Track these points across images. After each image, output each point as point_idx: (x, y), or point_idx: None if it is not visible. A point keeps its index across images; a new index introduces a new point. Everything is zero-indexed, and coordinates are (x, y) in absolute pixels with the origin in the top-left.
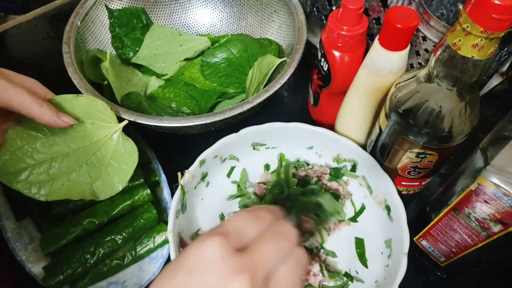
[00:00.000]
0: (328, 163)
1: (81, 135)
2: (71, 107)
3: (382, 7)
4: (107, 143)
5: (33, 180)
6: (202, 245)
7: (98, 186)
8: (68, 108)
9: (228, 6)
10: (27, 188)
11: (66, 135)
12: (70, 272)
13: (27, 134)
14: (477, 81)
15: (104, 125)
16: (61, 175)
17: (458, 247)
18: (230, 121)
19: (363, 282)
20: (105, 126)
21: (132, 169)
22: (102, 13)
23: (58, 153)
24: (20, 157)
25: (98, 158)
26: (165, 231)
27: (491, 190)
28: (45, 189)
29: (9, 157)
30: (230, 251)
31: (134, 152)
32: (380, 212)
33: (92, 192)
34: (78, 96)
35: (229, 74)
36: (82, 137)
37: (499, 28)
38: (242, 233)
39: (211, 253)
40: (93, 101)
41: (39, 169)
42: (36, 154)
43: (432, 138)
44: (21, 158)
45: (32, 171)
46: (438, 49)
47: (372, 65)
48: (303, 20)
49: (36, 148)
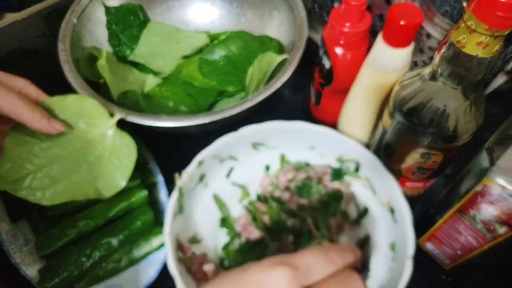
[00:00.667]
0: (331, 163)
1: (76, 135)
2: (61, 108)
3: (385, 4)
4: (103, 141)
5: (36, 185)
6: (270, 271)
7: (101, 185)
8: (59, 110)
9: (228, 2)
10: (32, 194)
11: (62, 137)
12: (66, 275)
13: (24, 141)
14: (482, 80)
15: (97, 122)
16: (63, 178)
17: (463, 249)
18: (229, 120)
19: (367, 286)
20: (98, 123)
21: (133, 163)
22: (98, 10)
23: (56, 156)
24: (21, 164)
25: (97, 157)
26: (162, 234)
27: (497, 191)
28: (49, 193)
29: (11, 165)
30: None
31: (132, 146)
32: (384, 214)
33: (96, 191)
34: (66, 96)
35: (228, 72)
36: (77, 138)
37: (504, 26)
38: (310, 272)
39: (278, 282)
40: (82, 100)
41: (40, 173)
42: (36, 159)
43: (436, 138)
44: (22, 165)
45: (34, 176)
46: (442, 46)
47: (375, 62)
48: (304, 17)
49: (35, 154)
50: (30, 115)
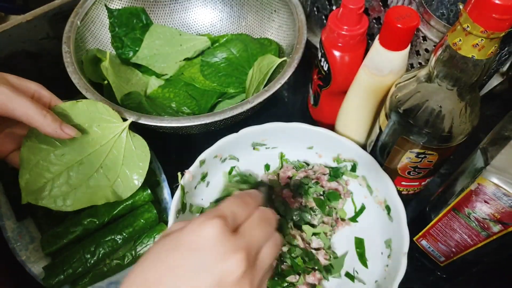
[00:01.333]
0: (328, 163)
1: (89, 140)
2: (74, 113)
3: (382, 7)
4: (117, 143)
5: (56, 193)
6: (203, 225)
7: (118, 186)
8: (71, 115)
9: (228, 6)
10: (53, 202)
11: (76, 143)
12: (70, 272)
13: (39, 149)
14: (478, 81)
15: (110, 126)
16: (81, 183)
17: (458, 247)
18: (230, 121)
19: (363, 282)
20: (110, 127)
21: (147, 163)
22: (102, 12)
23: (72, 162)
24: (39, 173)
25: (111, 160)
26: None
27: (491, 190)
28: (69, 199)
29: (29, 175)
30: (228, 233)
31: (144, 147)
32: (380, 212)
33: (114, 193)
34: (77, 102)
35: (229, 74)
36: (91, 142)
37: (500, 28)
38: (235, 216)
39: (211, 234)
40: (93, 104)
41: (58, 181)
42: (52, 167)
43: (432, 138)
44: (40, 174)
45: (53, 184)
46: (439, 49)
47: (373, 64)
48: (303, 20)
49: (51, 161)
50: (41, 119)
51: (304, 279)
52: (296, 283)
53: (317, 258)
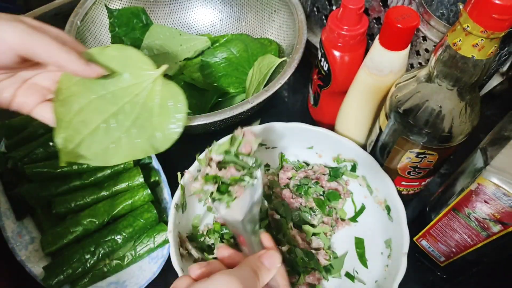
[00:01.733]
0: (328, 163)
1: (123, 88)
2: (102, 60)
3: (382, 7)
4: (151, 92)
5: (96, 149)
6: None
7: (157, 138)
8: (100, 63)
9: (228, 6)
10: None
11: (108, 93)
12: (70, 272)
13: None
14: (477, 81)
15: (142, 74)
16: (120, 137)
17: (458, 247)
18: (230, 121)
19: (363, 282)
20: (143, 75)
21: (185, 113)
22: (102, 12)
23: (107, 113)
24: (76, 129)
25: (147, 109)
26: (165, 231)
27: (491, 190)
28: (109, 155)
29: (65, 133)
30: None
31: (179, 94)
32: (380, 212)
33: (152, 146)
34: (106, 47)
35: (229, 74)
36: (125, 91)
37: (500, 28)
38: None
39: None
40: (123, 50)
41: (96, 136)
42: (88, 121)
43: (432, 138)
44: (77, 130)
45: (91, 139)
46: (439, 49)
47: (373, 64)
48: (303, 20)
49: (86, 115)
50: (65, 55)
51: (304, 279)
52: (296, 283)
53: (317, 258)
